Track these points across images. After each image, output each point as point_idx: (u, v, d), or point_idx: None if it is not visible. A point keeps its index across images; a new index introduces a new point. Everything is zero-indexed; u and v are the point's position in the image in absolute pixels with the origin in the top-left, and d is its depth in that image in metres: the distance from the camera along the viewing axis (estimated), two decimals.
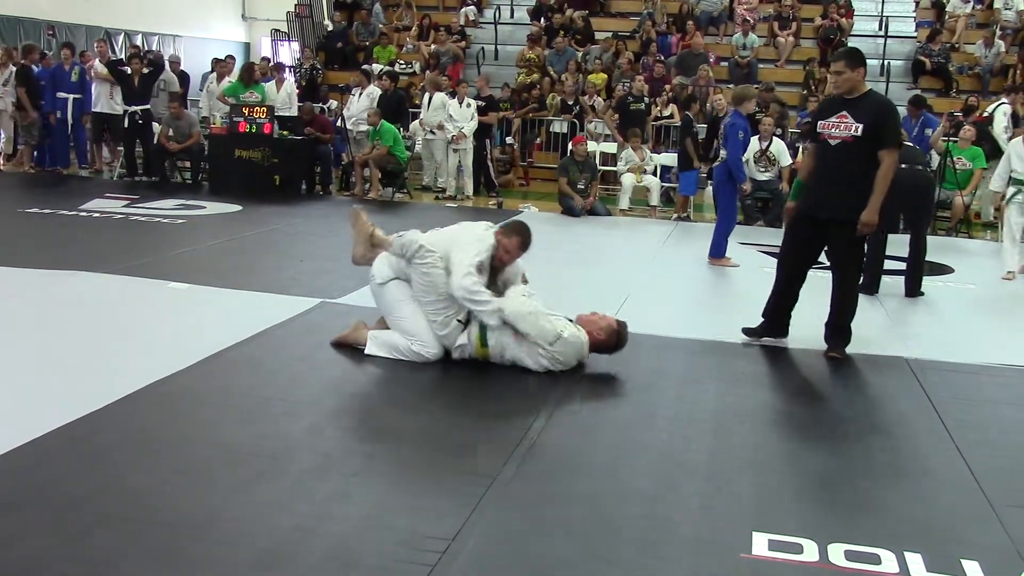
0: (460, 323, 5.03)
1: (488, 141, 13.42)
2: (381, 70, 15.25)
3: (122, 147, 13.09)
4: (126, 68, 12.86)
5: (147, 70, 12.92)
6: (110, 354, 4.98)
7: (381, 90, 13.41)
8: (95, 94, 12.91)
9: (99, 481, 3.42)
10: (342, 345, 5.26)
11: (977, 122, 12.29)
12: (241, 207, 10.66)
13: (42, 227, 9.04)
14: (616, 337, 5.17)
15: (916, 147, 8.45)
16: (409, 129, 13.66)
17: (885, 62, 16.34)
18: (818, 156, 5.73)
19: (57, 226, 9.09)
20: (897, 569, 3.08)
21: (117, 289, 6.42)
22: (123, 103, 12.77)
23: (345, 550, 3.01)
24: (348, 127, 13.19)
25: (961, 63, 16.23)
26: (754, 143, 10.89)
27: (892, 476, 3.93)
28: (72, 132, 13.30)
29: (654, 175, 12.40)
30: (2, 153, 13.63)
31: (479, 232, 5.17)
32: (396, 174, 12.58)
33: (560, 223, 10.89)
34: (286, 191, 12.19)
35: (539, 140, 14.99)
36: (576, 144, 12.05)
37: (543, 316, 4.96)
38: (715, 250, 8.76)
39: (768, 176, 11.28)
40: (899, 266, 7.89)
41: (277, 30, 20.39)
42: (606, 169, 13.36)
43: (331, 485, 3.49)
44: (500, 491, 3.50)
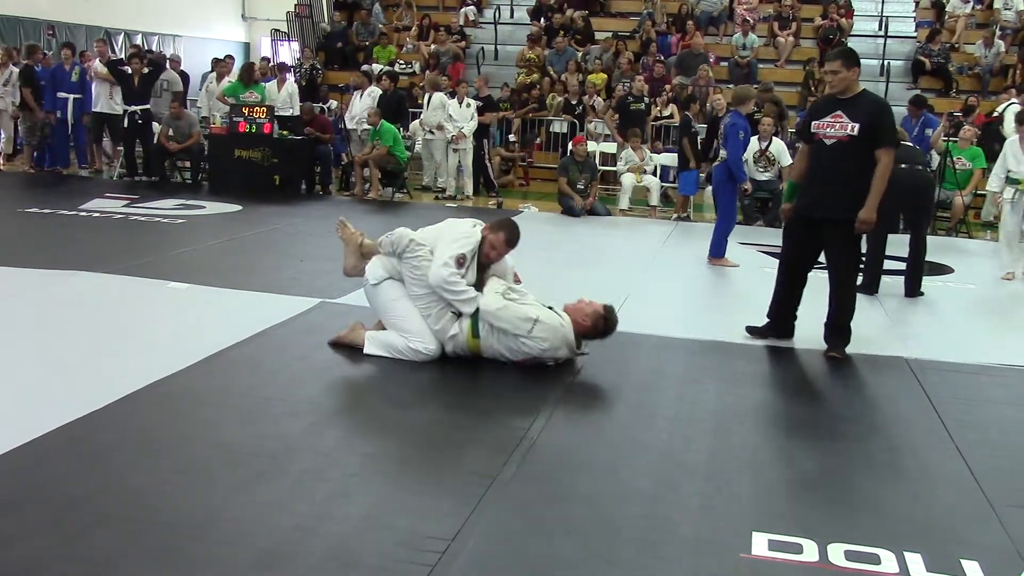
0: (454, 314, 5.04)
1: (486, 141, 13.42)
2: (381, 70, 15.26)
3: (122, 147, 13.10)
4: (126, 68, 12.86)
5: (147, 70, 12.92)
6: (110, 354, 4.98)
7: (381, 90, 13.41)
8: (95, 94, 12.91)
9: (99, 481, 3.42)
10: (340, 345, 5.27)
11: (988, 123, 12.30)
12: (241, 207, 10.66)
13: (42, 227, 9.04)
14: (603, 322, 5.15)
15: (916, 147, 8.45)
16: (409, 129, 13.67)
17: (885, 62, 16.35)
18: (812, 156, 5.73)
19: (57, 226, 9.08)
20: (897, 569, 3.08)
21: (117, 289, 6.42)
22: (123, 103, 12.78)
23: (345, 550, 3.01)
24: (351, 127, 13.20)
25: (961, 63, 16.23)
26: (754, 143, 10.89)
27: (892, 476, 3.93)
28: (72, 132, 13.29)
29: (654, 175, 12.40)
30: (2, 153, 13.62)
31: (466, 228, 5.20)
32: (396, 174, 12.58)
33: (560, 223, 10.89)
34: (286, 191, 12.20)
35: (539, 140, 15.00)
36: (576, 144, 12.06)
37: (514, 307, 4.97)
38: (715, 250, 8.76)
39: (768, 176, 11.29)
40: (899, 266, 7.89)
41: (277, 30, 20.40)
42: (606, 169, 13.36)
43: (331, 485, 3.49)
44: (500, 491, 3.50)
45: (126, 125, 12.78)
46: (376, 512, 3.30)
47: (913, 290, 7.62)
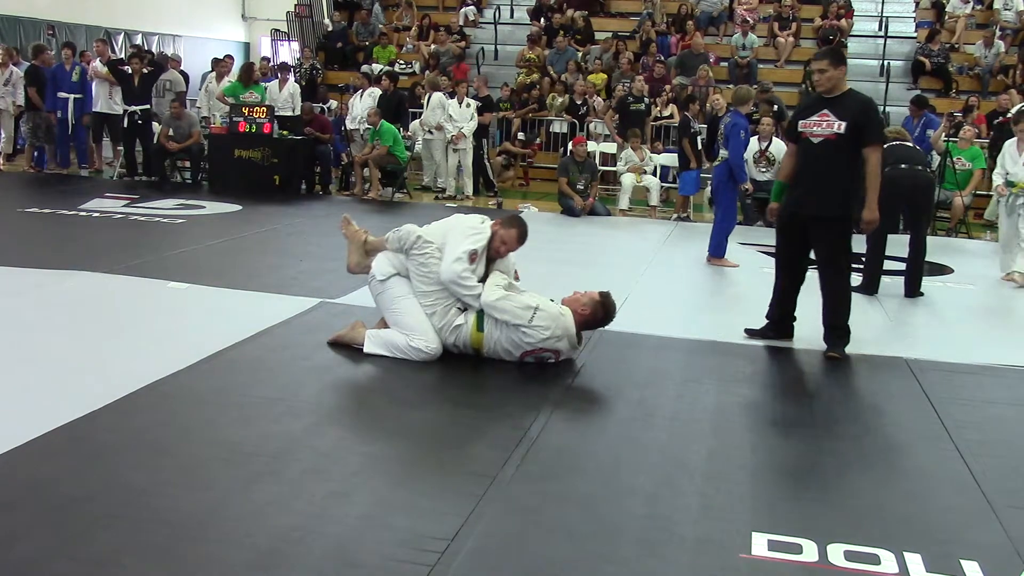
0: (459, 310, 5.06)
1: (485, 141, 13.41)
2: (381, 70, 15.26)
3: (122, 147, 13.10)
4: (127, 68, 12.86)
5: (147, 70, 12.92)
6: (110, 354, 4.98)
7: (381, 91, 13.42)
8: (95, 94, 12.92)
9: (99, 481, 3.42)
10: (340, 344, 5.27)
11: (1003, 123, 12.24)
12: (241, 207, 10.67)
13: (42, 227, 9.04)
14: (601, 308, 5.18)
15: (916, 147, 8.44)
16: (409, 129, 13.67)
17: (885, 62, 16.36)
18: (800, 155, 5.78)
19: (57, 226, 9.09)
20: (896, 569, 3.08)
21: (117, 289, 6.42)
22: (123, 103, 12.78)
23: (344, 550, 3.01)
24: (352, 127, 13.20)
25: (961, 63, 16.24)
26: (753, 143, 10.90)
27: (892, 476, 3.93)
28: (72, 132, 13.29)
29: (654, 175, 12.41)
30: (2, 153, 13.63)
31: (475, 223, 5.22)
32: (396, 174, 12.59)
33: (560, 223, 10.89)
34: (286, 191, 12.21)
35: (539, 140, 15.00)
36: (576, 144, 12.06)
37: (514, 298, 5.00)
38: (715, 250, 8.76)
39: (768, 176, 11.27)
40: (899, 266, 7.90)
41: (277, 30, 20.40)
42: (606, 169, 13.37)
43: (331, 485, 3.49)
44: (500, 491, 3.51)
45: (126, 125, 12.80)
46: (376, 512, 3.30)
47: (913, 290, 7.62)
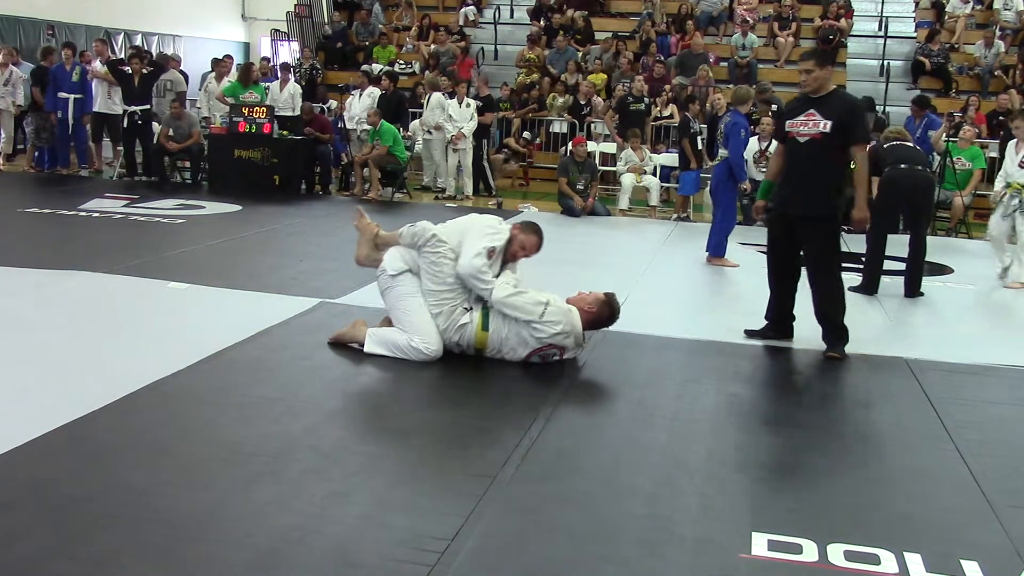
0: (465, 309, 5.06)
1: (485, 142, 13.40)
2: (381, 70, 15.26)
3: (122, 147, 13.10)
4: (127, 68, 12.87)
5: (147, 70, 12.92)
6: (110, 354, 4.98)
7: (381, 91, 13.42)
8: (95, 94, 12.93)
9: (99, 481, 3.42)
10: (340, 344, 5.27)
11: (1003, 123, 12.23)
12: (241, 207, 10.66)
13: (42, 227, 9.04)
14: (607, 308, 5.22)
15: (917, 147, 8.44)
16: (409, 129, 13.67)
17: (885, 62, 16.36)
18: (787, 155, 5.83)
19: (57, 226, 9.09)
20: (896, 569, 3.08)
21: (117, 289, 6.42)
22: (123, 103, 12.79)
23: (344, 550, 3.01)
24: (351, 127, 13.19)
25: (960, 63, 16.23)
26: (753, 143, 10.89)
27: (892, 476, 3.94)
28: (72, 132, 13.29)
29: (653, 175, 12.40)
30: (2, 153, 13.63)
31: (493, 223, 5.28)
32: (396, 174, 12.59)
33: (560, 223, 10.89)
34: (286, 191, 12.20)
35: (539, 140, 15.00)
36: (576, 145, 12.06)
37: (525, 294, 5.04)
38: (716, 250, 8.76)
39: None
40: (899, 266, 7.90)
41: (277, 30, 20.40)
42: (606, 169, 13.36)
43: (331, 485, 3.49)
44: (500, 491, 3.51)
45: (126, 125, 12.80)
46: (376, 512, 3.30)
47: (913, 290, 7.62)
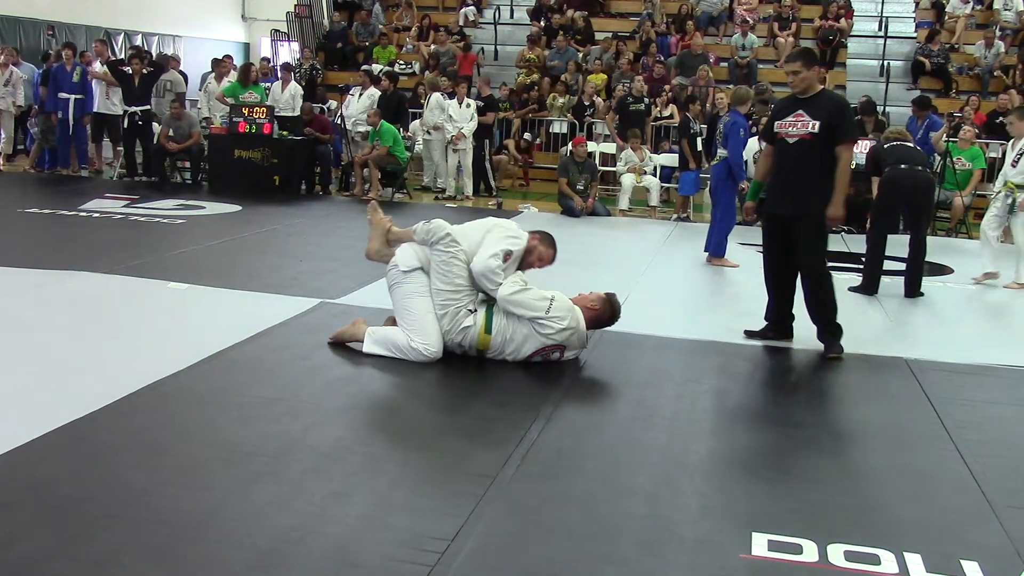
0: (469, 311, 5.06)
1: (487, 142, 13.39)
2: (381, 71, 15.26)
3: (122, 147, 13.10)
4: (127, 68, 12.87)
5: (147, 70, 12.93)
6: (110, 354, 4.98)
7: (381, 91, 13.42)
8: (95, 94, 12.94)
9: (99, 481, 3.42)
10: (340, 343, 5.27)
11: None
12: (240, 207, 10.66)
13: (42, 227, 9.04)
14: (609, 306, 5.26)
15: (917, 147, 8.44)
16: (409, 130, 13.67)
17: (885, 63, 16.36)
18: (777, 156, 5.85)
19: (57, 226, 9.09)
20: (896, 569, 3.08)
21: (117, 289, 6.42)
22: (123, 103, 12.80)
23: (344, 550, 3.01)
24: (347, 127, 13.20)
25: (960, 64, 16.24)
26: (752, 143, 10.87)
27: (891, 476, 3.93)
28: (72, 132, 13.29)
29: (653, 175, 12.40)
30: (2, 153, 13.63)
31: (513, 228, 5.32)
32: (396, 174, 12.59)
33: (560, 223, 10.86)
34: (286, 191, 12.21)
35: (539, 140, 15.00)
36: (576, 145, 12.05)
37: (529, 290, 5.08)
38: (716, 249, 8.76)
39: None
40: (899, 266, 7.90)
41: (277, 30, 20.40)
42: (606, 169, 13.36)
43: (331, 485, 3.49)
44: (500, 491, 3.51)
45: (126, 125, 12.81)
46: (376, 512, 3.30)
47: (913, 290, 7.62)
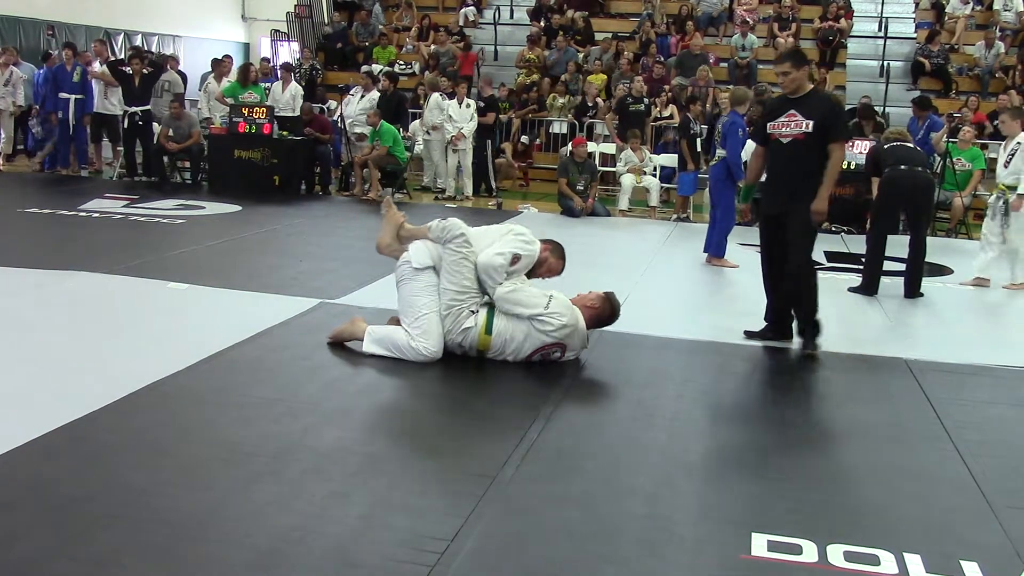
0: (471, 312, 5.07)
1: (489, 142, 13.38)
2: (380, 71, 15.26)
3: (122, 147, 13.11)
4: (127, 68, 12.87)
5: (147, 70, 12.93)
6: (110, 354, 4.98)
7: (380, 91, 13.42)
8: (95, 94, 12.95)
9: (99, 481, 3.42)
10: (339, 343, 5.27)
11: None
12: (240, 207, 10.66)
13: (42, 227, 9.04)
14: (608, 304, 5.26)
15: (917, 148, 8.44)
16: (409, 130, 13.67)
17: (885, 63, 16.37)
18: (771, 157, 5.87)
19: (57, 226, 9.09)
20: (896, 570, 3.08)
21: (117, 289, 6.42)
22: (123, 103, 12.81)
23: (344, 550, 3.01)
24: (345, 128, 13.20)
25: (960, 64, 16.24)
26: (751, 143, 10.87)
27: (891, 477, 3.93)
28: (73, 132, 13.29)
29: (653, 175, 12.40)
30: (1, 153, 13.63)
31: (528, 234, 5.33)
32: (395, 174, 12.59)
33: (559, 224, 10.88)
34: (285, 191, 12.21)
35: (538, 140, 15.00)
36: (577, 145, 12.05)
37: (527, 289, 5.11)
38: (716, 250, 8.76)
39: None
40: (898, 267, 7.90)
41: (277, 30, 20.40)
42: (606, 170, 13.36)
43: (331, 485, 3.49)
44: (499, 491, 3.51)
45: (126, 126, 12.81)
46: (375, 512, 3.30)
47: (913, 291, 7.62)
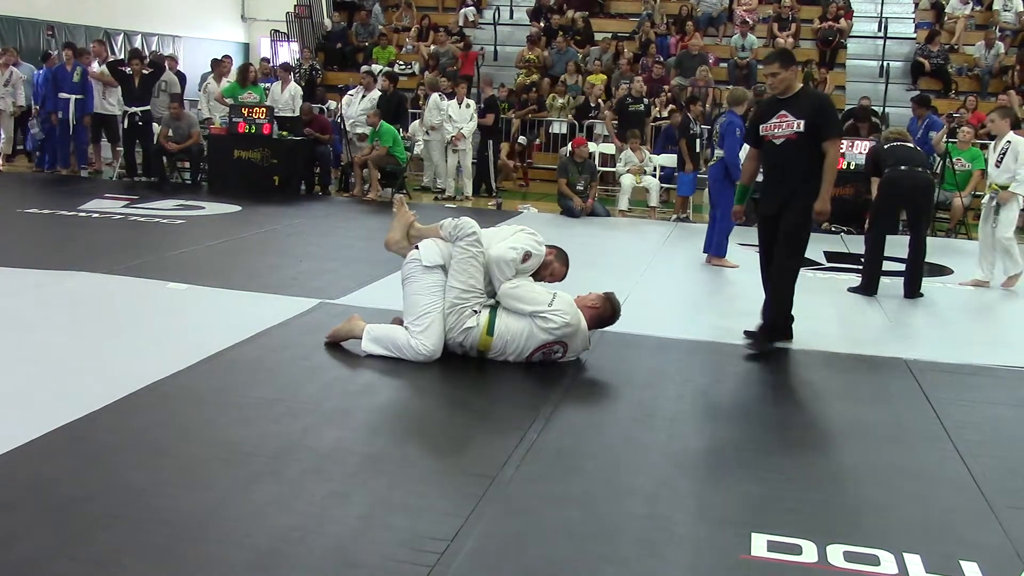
0: (474, 311, 5.07)
1: (491, 143, 13.37)
2: (380, 71, 15.27)
3: (121, 148, 13.10)
4: (126, 68, 12.87)
5: (147, 71, 12.93)
6: (110, 354, 4.98)
7: (381, 91, 13.42)
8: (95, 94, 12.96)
9: (99, 481, 3.42)
10: (337, 342, 5.27)
11: None
12: (240, 207, 10.66)
13: (42, 227, 9.04)
14: (609, 304, 5.28)
15: (917, 148, 8.43)
16: (409, 130, 13.67)
17: (884, 63, 16.38)
18: (766, 158, 5.88)
19: (57, 226, 9.09)
20: (896, 570, 3.08)
21: (117, 289, 6.42)
22: (123, 104, 12.82)
23: (344, 550, 3.01)
24: (346, 128, 13.20)
25: (960, 64, 16.25)
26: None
27: (891, 477, 3.93)
28: (73, 133, 13.29)
29: (653, 176, 12.40)
30: (1, 153, 13.63)
31: (538, 236, 5.38)
32: (395, 175, 12.59)
33: (559, 224, 10.88)
34: (285, 191, 12.21)
35: (538, 140, 15.00)
36: (577, 146, 12.04)
37: (533, 285, 5.15)
38: (716, 249, 8.76)
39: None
40: (898, 267, 7.90)
41: (276, 31, 20.41)
42: (605, 170, 13.36)
43: (331, 485, 3.49)
44: (499, 491, 3.51)
45: (126, 126, 12.82)
46: (375, 512, 3.30)
47: (912, 291, 7.62)
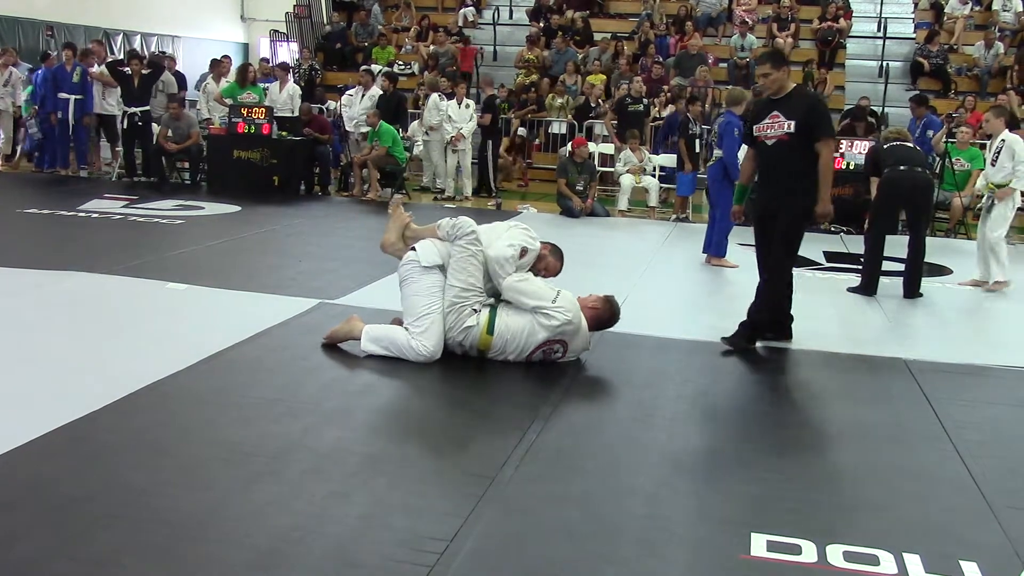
0: (474, 310, 5.07)
1: (491, 143, 13.37)
2: (380, 71, 15.27)
3: (121, 148, 13.10)
4: (126, 69, 12.87)
5: (147, 71, 12.93)
6: (110, 354, 4.98)
7: (381, 91, 13.42)
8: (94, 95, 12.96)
9: (99, 481, 3.42)
10: (335, 343, 5.27)
11: None
12: (240, 208, 10.66)
13: (41, 227, 9.04)
14: (609, 306, 5.30)
15: (917, 148, 8.43)
16: (408, 130, 13.67)
17: (884, 63, 16.38)
18: (760, 158, 5.88)
19: (57, 226, 9.09)
20: (896, 570, 3.08)
21: (116, 289, 6.42)
22: (122, 104, 12.82)
23: (344, 550, 3.01)
24: (349, 128, 13.20)
25: (959, 64, 16.26)
26: None
27: (890, 477, 3.94)
28: (72, 133, 13.29)
29: (652, 176, 12.41)
30: (1, 153, 13.63)
31: (532, 232, 5.42)
32: (395, 175, 12.59)
33: (559, 224, 10.88)
34: (285, 191, 12.21)
35: (538, 140, 15.00)
36: (577, 146, 12.04)
37: (536, 280, 5.19)
38: (716, 250, 8.76)
39: None
40: (898, 267, 7.90)
41: (276, 31, 20.41)
42: (605, 170, 13.36)
43: (331, 485, 3.49)
44: (499, 491, 3.51)
45: (125, 126, 12.82)
46: (375, 512, 3.30)
47: (912, 291, 7.62)
